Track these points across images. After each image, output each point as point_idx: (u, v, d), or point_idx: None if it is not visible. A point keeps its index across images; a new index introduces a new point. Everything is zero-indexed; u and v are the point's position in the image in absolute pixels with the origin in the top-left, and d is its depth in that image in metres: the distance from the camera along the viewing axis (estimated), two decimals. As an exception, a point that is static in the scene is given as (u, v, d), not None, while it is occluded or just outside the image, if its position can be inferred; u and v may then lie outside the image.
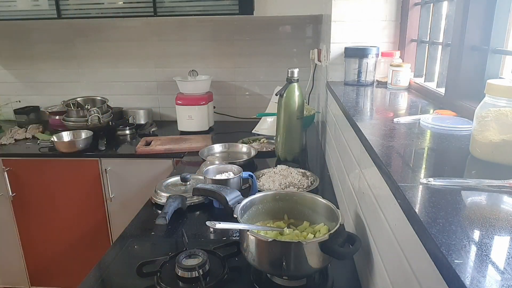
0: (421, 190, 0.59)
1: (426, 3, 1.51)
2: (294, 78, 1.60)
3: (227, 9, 2.17)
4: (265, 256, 0.88)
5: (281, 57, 2.54)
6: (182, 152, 2.02)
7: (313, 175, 1.49)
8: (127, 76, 2.65)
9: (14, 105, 2.70)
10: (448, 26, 1.27)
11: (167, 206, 1.23)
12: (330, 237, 0.84)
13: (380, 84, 1.62)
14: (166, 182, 1.47)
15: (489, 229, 0.48)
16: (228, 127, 2.51)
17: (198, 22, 2.51)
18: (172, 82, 2.45)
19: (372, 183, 0.87)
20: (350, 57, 1.63)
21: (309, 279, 0.94)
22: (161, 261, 0.99)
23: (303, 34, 2.53)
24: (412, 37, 1.63)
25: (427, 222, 0.49)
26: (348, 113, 1.10)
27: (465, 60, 1.08)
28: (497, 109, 0.67)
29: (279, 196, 1.07)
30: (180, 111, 2.37)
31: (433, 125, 0.93)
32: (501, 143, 0.66)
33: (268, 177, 1.47)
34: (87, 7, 2.20)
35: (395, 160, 0.74)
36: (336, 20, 1.70)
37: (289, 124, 1.66)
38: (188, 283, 0.93)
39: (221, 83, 2.63)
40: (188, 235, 1.11)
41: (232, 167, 1.43)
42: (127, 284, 0.98)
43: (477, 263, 0.41)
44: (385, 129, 0.93)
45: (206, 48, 2.58)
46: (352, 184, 1.13)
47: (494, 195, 0.58)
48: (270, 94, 2.34)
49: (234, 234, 1.15)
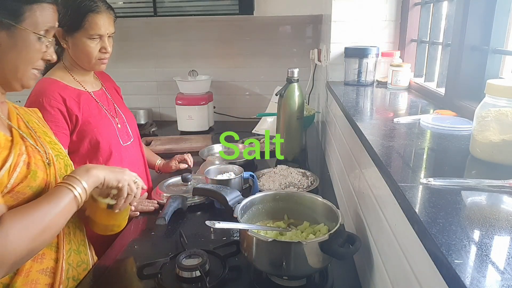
0: (421, 190, 0.59)
1: (426, 3, 1.51)
2: (294, 78, 1.60)
3: (227, 9, 2.17)
4: (265, 256, 0.88)
5: (281, 57, 2.54)
6: (182, 152, 2.02)
7: (313, 175, 1.49)
8: (127, 76, 2.65)
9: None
10: (448, 26, 1.27)
11: (167, 207, 1.23)
12: (330, 237, 0.84)
13: (380, 84, 1.62)
14: (167, 182, 1.47)
15: (489, 229, 0.48)
16: (228, 127, 2.51)
17: (198, 22, 2.51)
18: (172, 82, 2.45)
19: (372, 183, 0.87)
20: (350, 57, 1.63)
21: (309, 279, 0.94)
22: (161, 262, 0.99)
23: (303, 34, 2.53)
24: (412, 37, 1.63)
25: (427, 222, 0.50)
26: (348, 113, 1.10)
27: (465, 60, 1.08)
28: (497, 109, 0.67)
29: (279, 196, 1.07)
30: (180, 111, 2.37)
31: (433, 125, 0.93)
32: (501, 143, 0.66)
33: (268, 177, 1.47)
34: (87, 7, 2.19)
35: (395, 160, 0.74)
36: (336, 20, 1.70)
37: (289, 124, 1.66)
38: (188, 283, 0.93)
39: (221, 83, 2.63)
40: (188, 235, 1.11)
41: (233, 167, 1.43)
42: (127, 285, 0.98)
43: (477, 263, 0.42)
44: (385, 129, 0.93)
45: (206, 48, 2.58)
46: (352, 184, 1.13)
47: (494, 195, 0.58)
48: (270, 94, 2.34)
49: (234, 234, 1.15)
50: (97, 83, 1.42)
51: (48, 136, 0.98)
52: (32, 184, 0.83)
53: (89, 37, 1.26)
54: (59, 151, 0.98)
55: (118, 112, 1.43)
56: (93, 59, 1.29)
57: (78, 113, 1.27)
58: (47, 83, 1.26)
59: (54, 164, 0.92)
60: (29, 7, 0.82)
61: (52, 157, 0.92)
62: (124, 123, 1.43)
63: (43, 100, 1.21)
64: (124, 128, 1.43)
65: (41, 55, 0.87)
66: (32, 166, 0.84)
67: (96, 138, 1.30)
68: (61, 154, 0.99)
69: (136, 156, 1.48)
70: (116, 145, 1.36)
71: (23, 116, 0.95)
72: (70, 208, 0.82)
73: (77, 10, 1.24)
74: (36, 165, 0.85)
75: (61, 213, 0.80)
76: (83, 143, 1.29)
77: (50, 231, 0.79)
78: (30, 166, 0.84)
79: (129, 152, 1.42)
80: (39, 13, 0.84)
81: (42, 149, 0.91)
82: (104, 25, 1.27)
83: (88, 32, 1.25)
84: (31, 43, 0.84)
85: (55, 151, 0.96)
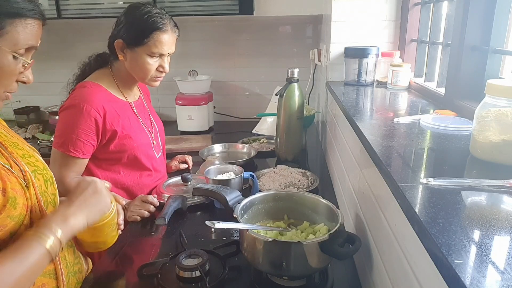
0: (421, 190, 0.59)
1: (426, 3, 1.51)
2: (294, 78, 1.60)
3: (227, 9, 2.17)
4: (265, 256, 0.88)
5: (281, 57, 2.54)
6: (182, 152, 2.02)
7: (313, 175, 1.49)
8: (127, 76, 2.65)
9: (14, 105, 2.70)
10: (448, 26, 1.27)
11: (166, 207, 1.23)
12: (330, 237, 0.84)
13: (380, 84, 1.62)
14: (167, 182, 1.47)
15: (489, 229, 0.48)
16: (228, 127, 2.51)
17: (198, 22, 2.51)
18: (172, 82, 2.45)
19: (372, 183, 0.87)
20: (350, 57, 1.63)
21: (309, 279, 0.94)
22: (161, 262, 0.99)
23: (303, 34, 2.53)
24: (412, 37, 1.63)
25: (427, 222, 0.50)
26: (348, 113, 1.10)
27: (465, 60, 1.08)
28: (497, 109, 0.67)
29: (279, 196, 1.07)
30: (180, 111, 2.37)
31: (433, 125, 0.93)
32: (501, 143, 0.66)
33: (268, 177, 1.47)
34: (87, 7, 2.19)
35: (395, 160, 0.74)
36: (336, 20, 1.70)
37: (289, 124, 1.66)
38: (188, 283, 0.93)
39: (221, 83, 2.63)
40: (188, 235, 1.11)
41: (233, 167, 1.43)
42: (128, 285, 0.98)
43: (477, 263, 0.42)
44: (385, 129, 0.93)
45: (206, 48, 2.58)
46: (352, 184, 1.13)
47: (494, 195, 0.58)
48: (270, 94, 2.34)
49: (234, 234, 1.15)
50: (136, 93, 1.44)
51: (19, 148, 0.85)
52: (12, 214, 0.73)
53: (150, 55, 1.24)
54: (35, 165, 0.85)
55: (153, 124, 1.45)
56: (149, 76, 1.28)
57: (117, 127, 1.27)
58: (94, 89, 1.24)
59: (33, 183, 0.81)
60: (10, 22, 0.71)
61: (29, 176, 0.81)
62: (157, 136, 1.46)
63: (84, 106, 1.20)
64: (157, 142, 1.46)
65: (15, 77, 0.76)
66: (8, 192, 0.73)
67: (134, 154, 1.32)
68: (38, 168, 0.86)
69: (163, 165, 1.53)
70: (151, 159, 1.40)
71: None
72: (41, 265, 0.70)
73: (144, 26, 1.21)
74: (14, 190, 0.74)
75: (30, 271, 0.68)
76: (122, 156, 1.31)
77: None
78: (7, 192, 0.73)
79: (160, 162, 1.47)
80: (21, 29, 0.73)
81: (16, 169, 0.79)
82: (167, 45, 1.25)
83: (151, 50, 1.23)
84: (6, 63, 0.73)
85: (31, 166, 0.84)
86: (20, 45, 0.74)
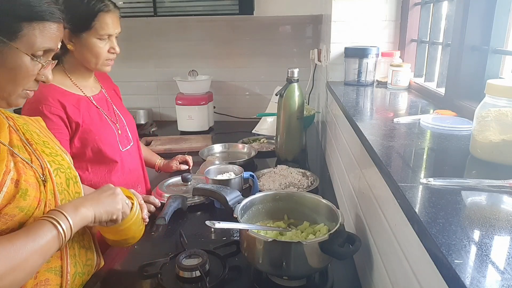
0: (421, 190, 0.59)
1: (426, 3, 1.51)
2: (294, 78, 1.60)
3: (227, 9, 2.17)
4: (265, 256, 0.88)
5: (281, 57, 2.54)
6: (182, 152, 2.02)
7: (313, 175, 1.49)
8: (127, 76, 2.64)
9: None
10: (448, 26, 1.27)
11: (166, 207, 1.23)
12: (330, 237, 0.84)
13: (380, 84, 1.62)
14: (167, 182, 1.47)
15: (489, 229, 0.48)
16: (228, 127, 2.51)
17: (198, 22, 2.51)
18: (172, 82, 2.45)
19: (372, 183, 0.87)
20: (350, 57, 1.63)
21: (309, 279, 0.94)
22: (161, 262, 0.99)
23: (303, 34, 2.53)
24: (412, 37, 1.63)
25: (427, 222, 0.50)
26: (348, 113, 1.10)
27: (465, 60, 1.08)
28: (497, 109, 0.67)
29: (279, 196, 1.07)
30: (180, 111, 2.37)
31: (433, 125, 0.93)
32: (501, 143, 0.66)
33: (268, 177, 1.47)
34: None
35: (395, 160, 0.74)
36: (336, 20, 1.70)
37: (289, 124, 1.66)
38: (188, 283, 0.93)
39: (221, 83, 2.63)
40: (188, 235, 1.12)
41: (233, 167, 1.43)
42: (128, 285, 0.98)
43: (477, 263, 0.42)
44: (385, 129, 0.93)
45: (206, 48, 2.58)
46: (352, 184, 1.13)
47: (494, 195, 0.58)
48: (270, 94, 2.34)
49: (234, 234, 1.15)
50: (96, 86, 1.41)
51: (49, 147, 0.91)
52: (21, 205, 0.75)
53: (99, 37, 1.24)
54: (60, 164, 0.90)
55: (118, 116, 1.42)
56: (102, 59, 1.28)
57: (78, 119, 1.25)
58: (46, 89, 1.23)
59: (52, 179, 0.85)
60: (27, 25, 0.73)
61: (49, 172, 0.85)
62: (124, 127, 1.42)
63: (42, 107, 1.19)
64: (124, 133, 1.42)
65: (33, 77, 0.79)
66: (21, 184, 0.76)
67: (97, 147, 1.29)
68: (62, 167, 0.90)
69: (136, 160, 1.47)
70: (117, 151, 1.36)
71: (20, 127, 0.88)
72: (51, 246, 0.72)
73: (87, 10, 1.21)
74: (27, 182, 0.77)
75: (40, 250, 0.70)
76: (86, 151, 1.28)
77: (23, 270, 0.68)
78: (20, 184, 0.76)
79: (129, 156, 1.42)
80: (39, 32, 0.75)
81: (37, 164, 0.83)
82: (113, 25, 1.26)
83: (98, 32, 1.23)
84: (23, 64, 0.75)
85: (55, 164, 0.88)
86: (37, 48, 0.76)
